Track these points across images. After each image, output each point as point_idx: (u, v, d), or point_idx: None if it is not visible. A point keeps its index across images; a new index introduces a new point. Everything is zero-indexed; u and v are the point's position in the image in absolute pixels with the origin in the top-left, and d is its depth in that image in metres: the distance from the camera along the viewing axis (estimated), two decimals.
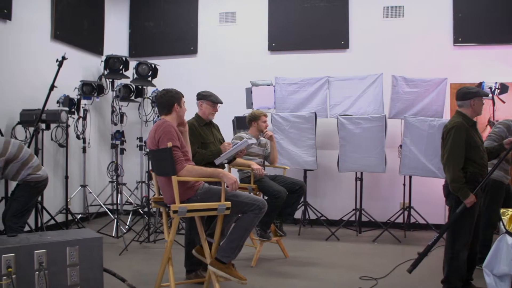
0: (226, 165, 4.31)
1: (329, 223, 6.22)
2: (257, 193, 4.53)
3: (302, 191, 4.79)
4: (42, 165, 5.12)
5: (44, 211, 5.24)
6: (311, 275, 4.27)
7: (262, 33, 7.06)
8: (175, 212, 3.05)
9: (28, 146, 4.82)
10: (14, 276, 2.77)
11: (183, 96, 3.51)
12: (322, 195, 6.71)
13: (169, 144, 3.08)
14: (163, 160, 3.15)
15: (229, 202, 3.17)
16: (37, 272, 2.87)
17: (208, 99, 4.03)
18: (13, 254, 2.80)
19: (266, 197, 4.39)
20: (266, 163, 5.07)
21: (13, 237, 3.05)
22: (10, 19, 5.47)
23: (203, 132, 3.97)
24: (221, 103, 4.10)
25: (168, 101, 3.43)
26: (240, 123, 6.14)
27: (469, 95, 3.53)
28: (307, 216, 6.45)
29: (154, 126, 3.34)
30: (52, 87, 4.61)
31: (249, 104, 6.42)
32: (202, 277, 3.89)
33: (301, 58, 6.89)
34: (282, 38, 7.00)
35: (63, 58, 4.64)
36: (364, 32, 6.74)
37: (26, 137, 5.50)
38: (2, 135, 4.79)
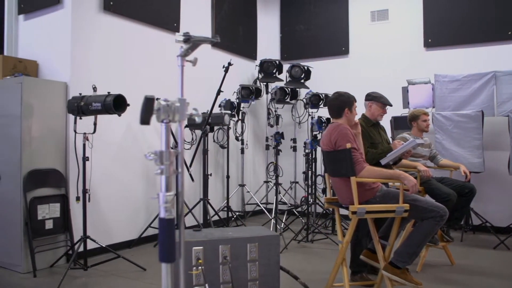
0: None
1: (494, 230, 5.75)
2: (424, 195, 4.36)
3: (472, 194, 4.50)
4: (207, 165, 5.48)
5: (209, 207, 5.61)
6: (484, 286, 3.96)
7: (417, 29, 6.76)
8: (354, 213, 3.05)
9: (196, 148, 5.18)
10: (202, 267, 3.00)
11: (355, 101, 3.48)
12: (487, 200, 6.20)
13: (348, 146, 3.08)
14: (341, 161, 3.16)
15: (407, 205, 3.09)
16: (221, 265, 3.07)
17: (379, 100, 3.97)
18: (201, 247, 3.03)
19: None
20: (431, 164, 4.86)
21: (198, 232, 3.30)
22: (178, 31, 5.96)
23: (371, 133, 3.92)
24: (391, 105, 4.02)
25: (340, 105, 3.42)
26: (398, 123, 5.96)
27: None
28: (469, 222, 6.04)
29: (328, 128, 3.37)
30: (219, 91, 4.89)
31: (406, 104, 6.19)
32: (367, 280, 3.84)
33: (461, 53, 6.45)
34: (439, 33, 6.63)
35: (229, 64, 4.89)
36: None
37: (192, 139, 5.93)
38: None
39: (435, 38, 6.65)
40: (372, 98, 4.02)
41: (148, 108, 1.28)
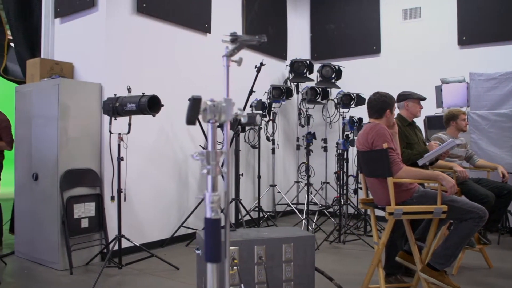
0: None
1: None
2: (460, 196, 4.27)
3: (511, 196, 4.37)
4: (238, 165, 5.48)
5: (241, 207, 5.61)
6: None
7: (451, 26, 6.63)
8: (390, 214, 3.00)
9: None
10: (238, 267, 3.00)
11: (395, 102, 3.44)
12: None
13: (385, 146, 3.04)
14: (377, 161, 3.12)
15: (446, 206, 3.03)
16: (256, 265, 3.07)
17: (414, 97, 3.92)
18: (237, 247, 3.03)
19: None
20: (466, 164, 4.76)
21: (233, 232, 3.31)
22: (210, 32, 6.00)
23: (407, 133, 3.86)
24: (426, 98, 3.96)
25: (382, 106, 3.38)
26: (431, 123, 5.85)
27: None
28: (507, 224, 5.88)
29: (365, 128, 3.33)
30: (251, 91, 4.90)
31: (439, 103, 6.08)
32: (402, 282, 3.78)
33: (497, 50, 6.28)
34: (473, 30, 6.48)
35: (261, 64, 4.89)
36: None
37: (223, 139, 5.95)
38: None
39: (469, 35, 6.50)
40: (407, 96, 3.96)
41: (195, 108, 1.29)
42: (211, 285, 1.33)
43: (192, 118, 1.29)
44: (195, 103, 1.28)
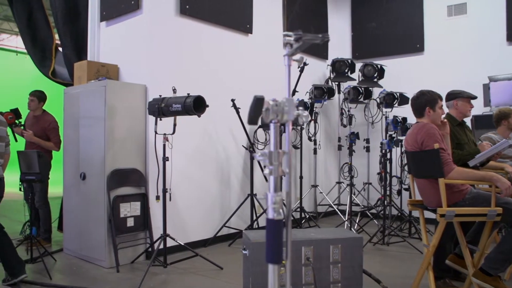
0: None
1: None
2: None
3: None
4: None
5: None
6: None
7: (499, 22, 6.39)
8: (442, 216, 2.92)
9: None
10: (285, 268, 2.98)
11: (440, 99, 3.34)
12: None
13: (436, 146, 2.97)
14: (428, 162, 3.05)
15: (500, 208, 2.92)
16: (304, 266, 3.04)
17: (464, 95, 3.80)
18: (284, 248, 3.01)
19: None
20: None
21: None
22: (251, 33, 6.01)
23: (457, 133, 3.75)
24: (476, 97, 3.84)
25: (420, 104, 3.32)
26: (479, 123, 5.68)
27: None
28: None
29: (414, 128, 3.26)
30: (294, 91, 4.87)
31: (487, 102, 5.89)
32: (451, 286, 3.68)
33: None
34: None
35: (305, 64, 4.86)
36: None
37: (265, 139, 5.94)
38: None
39: None
40: (456, 95, 3.85)
41: (257, 108, 1.28)
42: (272, 286, 1.32)
43: (254, 117, 1.28)
44: (257, 103, 1.27)
